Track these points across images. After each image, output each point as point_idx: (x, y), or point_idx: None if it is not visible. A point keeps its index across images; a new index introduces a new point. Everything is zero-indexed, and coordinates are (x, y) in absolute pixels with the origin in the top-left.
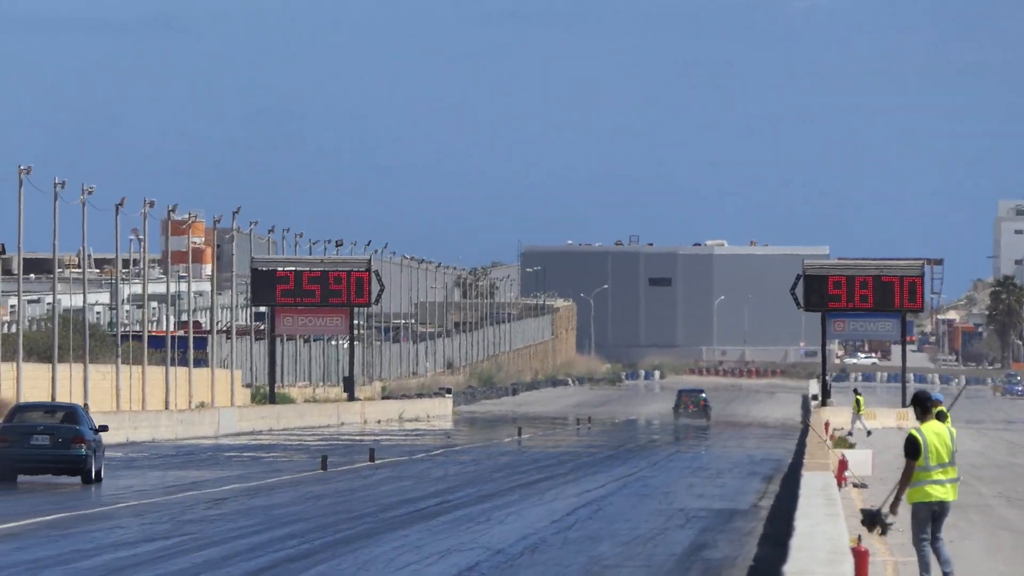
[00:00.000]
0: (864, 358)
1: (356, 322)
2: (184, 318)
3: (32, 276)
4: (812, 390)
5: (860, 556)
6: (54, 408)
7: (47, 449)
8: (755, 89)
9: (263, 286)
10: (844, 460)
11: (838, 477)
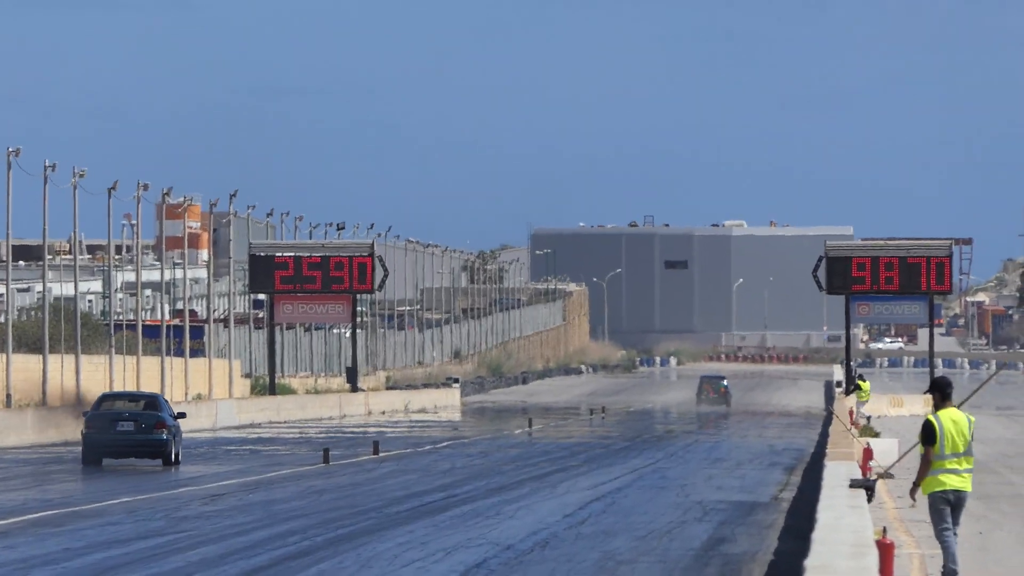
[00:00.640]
0: (890, 343)
1: (359, 309)
2: (180, 306)
3: (22, 263)
4: (836, 376)
5: (885, 549)
6: (137, 397)
7: (132, 435)
8: (776, 65)
9: (261, 272)
10: (869, 449)
11: (863, 467)
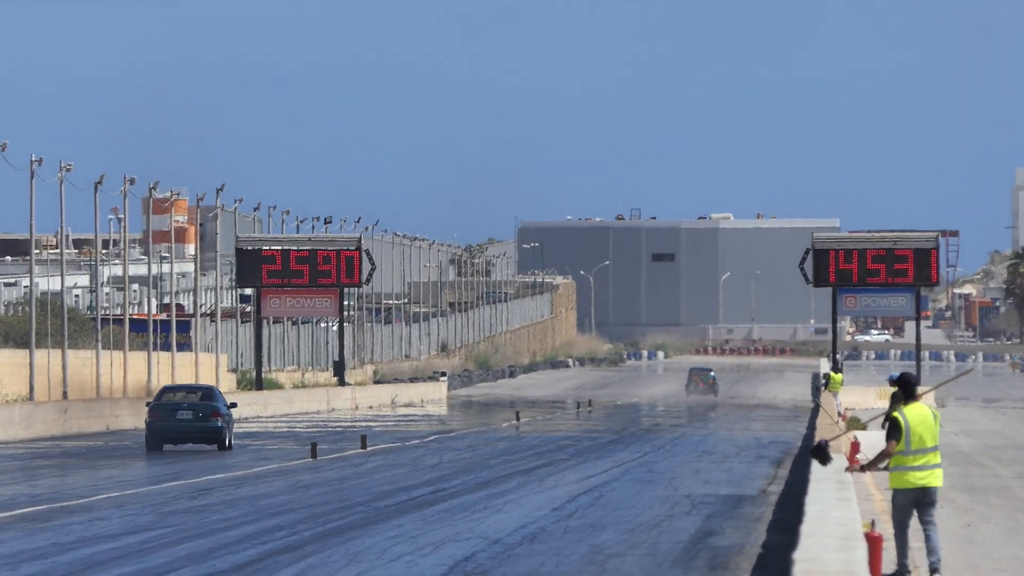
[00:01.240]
0: (877, 335)
1: (346, 303)
2: (166, 301)
3: (8, 258)
4: (823, 369)
5: (873, 541)
6: (195, 388)
7: (190, 422)
8: (761, 56)
9: (248, 266)
10: (856, 442)
11: (850, 460)
